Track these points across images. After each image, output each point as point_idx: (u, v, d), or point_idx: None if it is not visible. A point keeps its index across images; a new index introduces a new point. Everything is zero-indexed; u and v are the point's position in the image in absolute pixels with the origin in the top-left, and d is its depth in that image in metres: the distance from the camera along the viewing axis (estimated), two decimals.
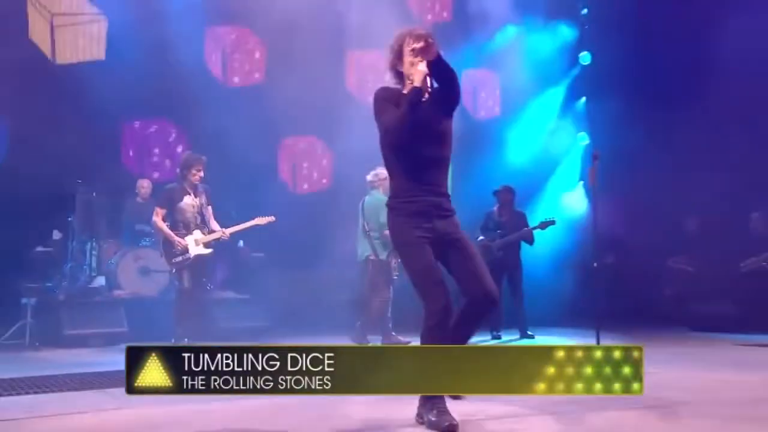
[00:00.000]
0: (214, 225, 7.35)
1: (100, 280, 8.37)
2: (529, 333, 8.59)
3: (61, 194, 8.70)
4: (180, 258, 7.10)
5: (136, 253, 8.65)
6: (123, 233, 9.18)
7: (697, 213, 11.00)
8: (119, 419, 4.00)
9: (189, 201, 7.20)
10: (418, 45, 3.57)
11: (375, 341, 7.52)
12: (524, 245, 8.88)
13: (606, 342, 6.29)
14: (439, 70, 3.60)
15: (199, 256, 7.16)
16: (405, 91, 3.64)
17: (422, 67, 3.54)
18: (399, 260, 7.24)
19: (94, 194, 8.66)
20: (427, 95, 3.58)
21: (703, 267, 10.44)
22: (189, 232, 7.19)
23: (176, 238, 7.11)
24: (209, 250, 7.22)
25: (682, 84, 10.67)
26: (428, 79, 3.55)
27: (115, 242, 9.03)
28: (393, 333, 7.54)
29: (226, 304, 8.64)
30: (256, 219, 7.39)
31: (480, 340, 8.42)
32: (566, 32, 12.20)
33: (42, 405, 4.38)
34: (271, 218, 7.43)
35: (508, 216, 8.78)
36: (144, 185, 9.40)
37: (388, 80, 3.79)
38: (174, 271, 7.23)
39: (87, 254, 8.68)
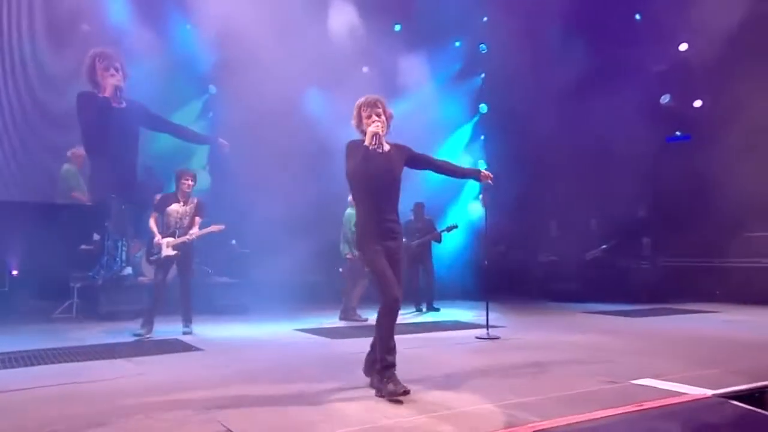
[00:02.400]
0: (194, 231, 6.44)
1: (129, 270, 8.33)
2: (435, 307, 8.92)
3: (99, 205, 8.67)
4: (154, 256, 6.48)
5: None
6: (145, 235, 9.12)
7: (557, 218, 11.53)
8: (137, 385, 4.00)
9: (176, 208, 6.46)
10: (370, 113, 3.76)
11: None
12: (435, 244, 9.24)
13: (496, 311, 6.64)
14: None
15: (170, 256, 6.38)
16: (365, 143, 3.73)
17: (372, 128, 3.66)
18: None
19: (123, 207, 8.61)
20: (384, 148, 3.73)
21: (561, 257, 10.92)
22: (169, 235, 6.47)
23: (156, 238, 6.44)
24: (175, 252, 6.38)
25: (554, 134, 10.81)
26: (376, 137, 3.65)
27: (139, 242, 8.98)
28: (357, 312, 7.64)
29: (221, 287, 8.71)
30: (212, 226, 6.49)
31: (406, 312, 8.75)
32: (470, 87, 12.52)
33: (78, 371, 4.43)
34: (222, 226, 6.55)
35: (421, 223, 9.12)
36: (156, 197, 9.31)
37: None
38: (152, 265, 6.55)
39: (119, 250, 8.60)
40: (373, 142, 3.64)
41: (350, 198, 7.69)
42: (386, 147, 3.82)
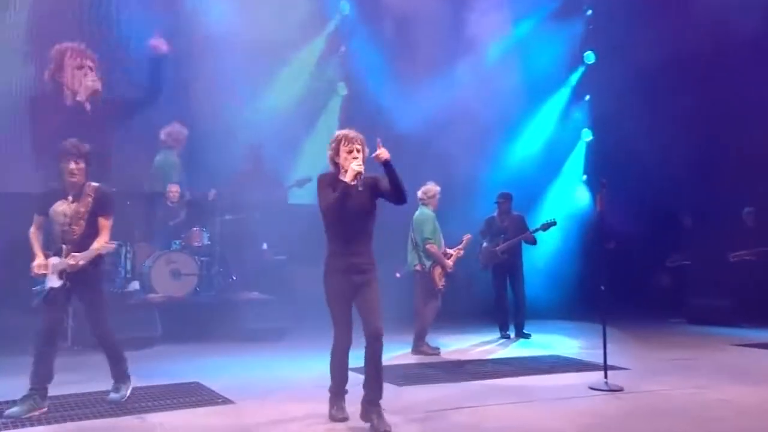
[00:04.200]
0: (96, 245, 4.98)
1: (135, 285, 8.50)
2: (525, 332, 8.75)
3: None
4: (37, 288, 4.97)
5: (168, 256, 8.71)
6: (155, 237, 9.30)
7: (693, 207, 10.98)
8: None
9: (62, 208, 5.03)
10: (351, 149, 4.53)
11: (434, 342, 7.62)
12: (526, 246, 8.95)
13: (611, 341, 6.37)
14: (390, 174, 4.42)
15: (56, 288, 4.92)
16: (341, 177, 4.52)
17: (354, 166, 4.42)
18: (443, 271, 7.45)
19: (128, 203, 8.75)
20: (359, 186, 4.43)
21: (699, 260, 10.44)
22: (55, 253, 5.02)
23: (37, 260, 4.95)
24: (61, 283, 4.90)
25: (691, 76, 10.42)
26: (359, 176, 4.39)
27: (147, 246, 9.15)
28: (426, 342, 7.56)
29: (251, 305, 8.73)
30: (101, 244, 5.01)
31: (489, 340, 8.58)
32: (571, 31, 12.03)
33: None
34: (112, 245, 5.30)
35: (508, 220, 8.84)
36: (173, 189, 9.49)
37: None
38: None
39: (122, 258, 8.79)
40: (358, 181, 4.41)
41: (420, 193, 7.51)
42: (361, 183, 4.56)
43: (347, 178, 4.46)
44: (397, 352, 7.41)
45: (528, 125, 11.69)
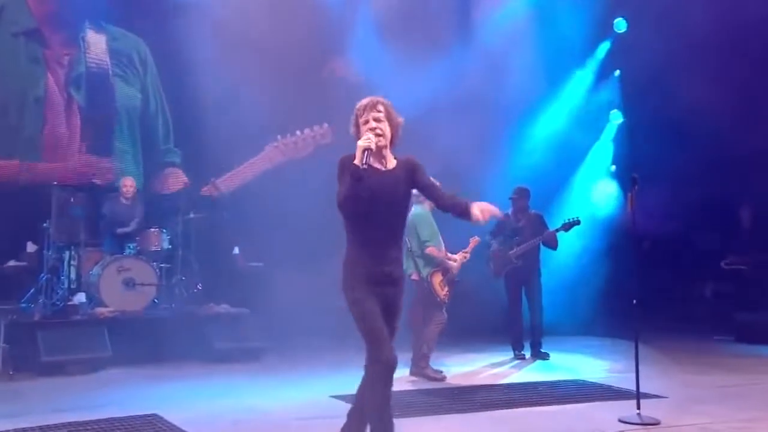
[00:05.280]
0: None
1: (80, 297, 8.41)
2: (543, 351, 8.73)
3: (35, 199, 8.78)
4: None
5: (121, 263, 8.62)
6: (104, 239, 9.23)
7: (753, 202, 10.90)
8: None
9: None
10: (368, 118, 4.15)
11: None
12: (545, 250, 8.91)
13: (645, 362, 6.33)
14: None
15: None
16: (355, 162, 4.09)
17: (361, 142, 4.04)
18: (443, 278, 7.42)
19: (72, 199, 8.68)
20: (387, 165, 4.17)
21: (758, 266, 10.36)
22: None
23: None
24: None
25: (748, 46, 10.27)
26: (366, 153, 3.99)
27: (96, 250, 9.07)
28: (431, 365, 7.49)
29: (221, 321, 8.69)
30: None
31: (500, 361, 8.54)
32: None
33: None
34: None
35: (525, 219, 8.79)
36: (127, 183, 9.43)
37: None
38: None
39: (65, 264, 8.73)
40: (363, 160, 4.00)
41: (415, 190, 7.43)
42: (390, 164, 4.23)
43: (356, 159, 4.03)
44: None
45: (547, 107, 11.65)
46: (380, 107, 4.20)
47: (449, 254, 7.55)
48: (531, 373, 7.96)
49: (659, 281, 10.53)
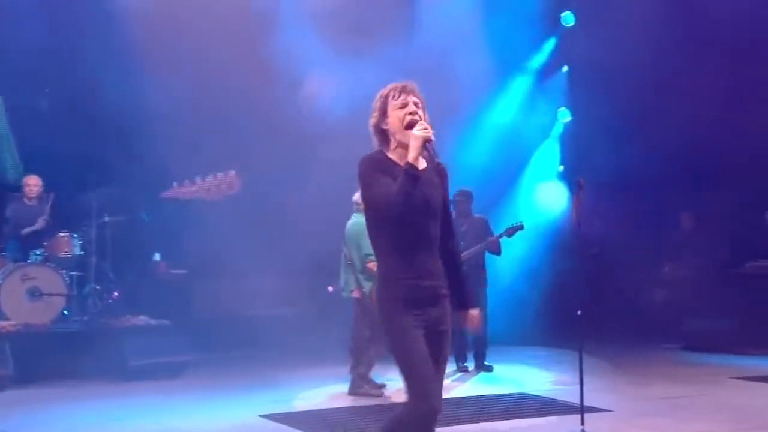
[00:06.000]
0: None
1: None
2: (487, 364, 8.84)
3: None
4: None
5: (25, 271, 8.46)
6: (8, 244, 9.02)
7: (695, 206, 11.21)
8: None
9: None
10: (406, 102, 3.69)
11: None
12: (489, 256, 9.02)
13: (590, 374, 6.39)
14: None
15: None
16: (389, 155, 3.70)
17: (419, 132, 3.58)
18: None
19: None
20: (425, 157, 3.67)
21: (701, 271, 10.64)
22: None
23: None
24: None
25: (710, 45, 10.37)
26: (430, 146, 3.59)
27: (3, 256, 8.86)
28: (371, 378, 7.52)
29: (139, 334, 8.61)
30: None
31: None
32: None
33: None
34: None
35: (467, 224, 8.88)
36: (31, 182, 9.21)
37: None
38: None
39: None
40: (425, 155, 3.64)
41: (356, 197, 7.42)
42: (420, 164, 3.69)
43: (411, 152, 3.57)
44: (331, 388, 7.47)
45: (492, 105, 11.76)
46: (417, 92, 3.77)
47: None
48: (473, 386, 8.06)
49: (606, 288, 10.76)
